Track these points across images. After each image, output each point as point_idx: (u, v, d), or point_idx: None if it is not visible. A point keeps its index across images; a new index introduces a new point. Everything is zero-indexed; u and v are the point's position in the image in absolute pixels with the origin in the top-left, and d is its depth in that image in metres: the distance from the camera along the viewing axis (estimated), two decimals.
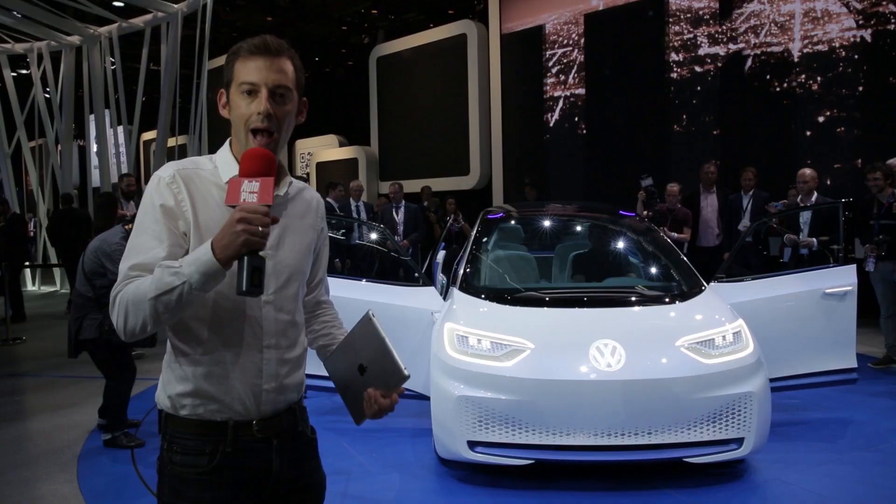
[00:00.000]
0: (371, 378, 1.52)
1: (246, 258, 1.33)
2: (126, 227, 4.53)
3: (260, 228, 1.32)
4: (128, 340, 1.45)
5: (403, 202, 9.31)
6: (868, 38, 8.20)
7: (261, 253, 1.35)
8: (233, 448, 1.50)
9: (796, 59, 8.78)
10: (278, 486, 1.58)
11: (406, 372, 1.48)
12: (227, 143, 1.59)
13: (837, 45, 8.42)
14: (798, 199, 6.62)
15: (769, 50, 9.03)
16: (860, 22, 8.25)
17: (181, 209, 1.48)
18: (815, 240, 6.23)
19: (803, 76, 8.74)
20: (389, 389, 1.52)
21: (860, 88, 8.30)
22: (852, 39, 8.31)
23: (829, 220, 6.12)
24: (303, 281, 1.64)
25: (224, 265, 1.34)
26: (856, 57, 8.31)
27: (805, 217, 6.46)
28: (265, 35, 1.52)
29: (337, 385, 1.62)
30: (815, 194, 6.49)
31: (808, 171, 6.55)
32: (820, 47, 8.56)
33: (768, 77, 9.07)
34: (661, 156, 10.30)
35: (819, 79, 8.61)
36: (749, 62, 9.24)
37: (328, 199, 8.94)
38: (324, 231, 1.72)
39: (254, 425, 1.52)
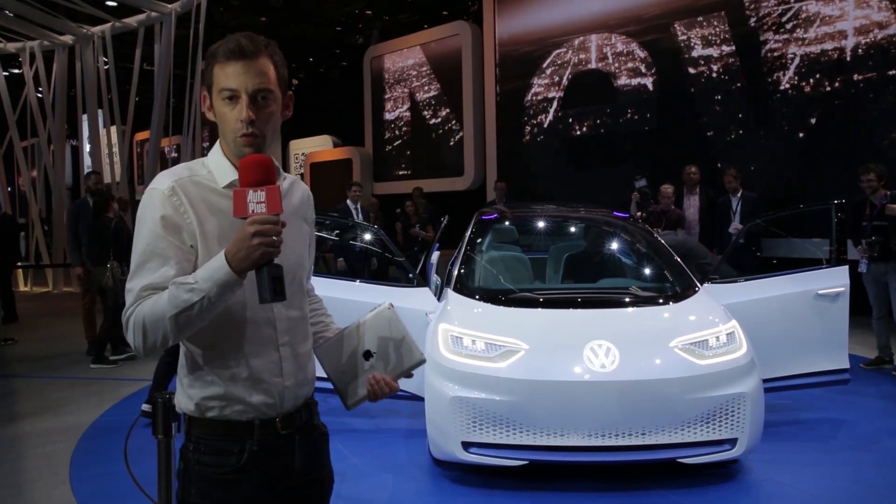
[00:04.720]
0: (377, 362, 1.63)
1: (265, 269, 1.33)
2: None
3: (274, 238, 1.33)
4: (145, 356, 1.45)
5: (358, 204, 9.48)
6: (859, 42, 8.23)
7: (276, 261, 1.35)
8: (259, 447, 1.52)
9: (786, 61, 8.82)
10: (297, 480, 1.61)
11: (423, 355, 1.66)
12: (217, 146, 1.56)
13: (829, 47, 8.46)
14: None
15: (762, 52, 9.07)
16: (854, 25, 8.29)
17: (185, 221, 1.45)
18: (741, 225, 6.97)
19: (796, 78, 8.77)
20: (402, 371, 1.66)
21: (852, 91, 8.34)
22: (842, 43, 8.34)
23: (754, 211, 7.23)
24: (304, 274, 1.66)
25: (240, 277, 1.35)
26: (840, 60, 8.34)
27: (734, 206, 7.39)
28: (238, 36, 1.47)
29: (330, 370, 1.66)
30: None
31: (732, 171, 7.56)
32: (811, 49, 8.59)
33: (760, 79, 9.09)
34: (653, 158, 10.32)
35: (811, 80, 8.64)
36: (741, 64, 9.28)
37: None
38: (313, 222, 1.74)
39: (277, 422, 1.55)
